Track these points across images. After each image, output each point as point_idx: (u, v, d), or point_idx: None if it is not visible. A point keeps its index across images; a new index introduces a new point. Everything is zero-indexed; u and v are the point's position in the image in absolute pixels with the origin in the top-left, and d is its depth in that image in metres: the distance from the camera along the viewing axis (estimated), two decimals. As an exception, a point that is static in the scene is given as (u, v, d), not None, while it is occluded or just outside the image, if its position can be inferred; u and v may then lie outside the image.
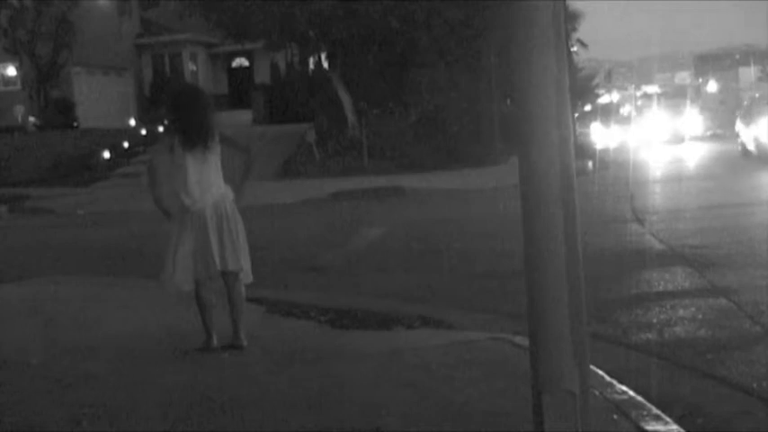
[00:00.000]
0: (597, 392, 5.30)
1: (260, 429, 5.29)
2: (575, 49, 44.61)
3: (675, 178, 23.65)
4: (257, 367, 6.67)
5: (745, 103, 33.02)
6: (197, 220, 6.97)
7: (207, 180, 7.05)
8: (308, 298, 9.55)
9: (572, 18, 42.54)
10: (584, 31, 45.90)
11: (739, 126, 28.02)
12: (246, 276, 7.25)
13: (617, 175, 24.46)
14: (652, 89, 67.68)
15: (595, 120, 42.72)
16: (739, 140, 27.82)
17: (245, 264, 7.18)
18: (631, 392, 5.60)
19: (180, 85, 6.95)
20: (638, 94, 59.65)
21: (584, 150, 28.95)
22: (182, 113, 7.16)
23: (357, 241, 14.31)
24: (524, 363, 3.58)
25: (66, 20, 36.19)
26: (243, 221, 7.18)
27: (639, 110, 44.60)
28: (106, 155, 31.97)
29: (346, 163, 29.19)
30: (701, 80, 73.18)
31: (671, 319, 7.82)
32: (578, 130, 35.36)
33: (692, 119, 42.82)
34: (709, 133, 43.65)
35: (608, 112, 43.96)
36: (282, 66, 42.26)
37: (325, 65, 36.45)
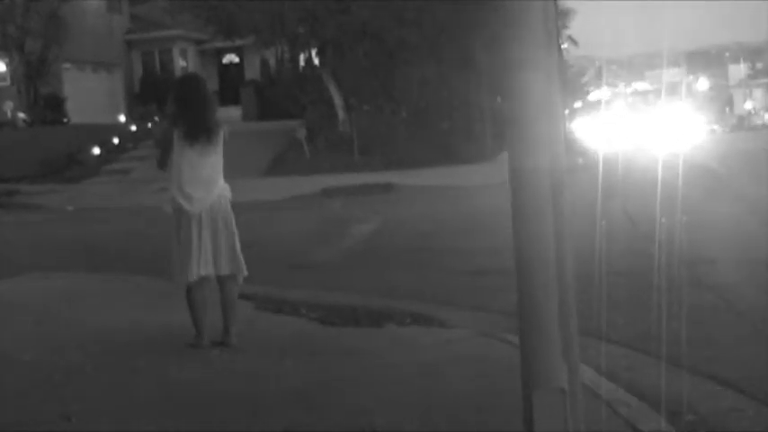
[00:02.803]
0: (588, 390, 5.31)
1: (250, 426, 5.29)
2: (565, 46, 44.61)
3: (666, 174, 23.64)
4: (247, 364, 6.67)
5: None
6: (194, 222, 6.92)
7: (206, 178, 6.99)
8: (299, 295, 9.54)
9: (563, 15, 42.51)
10: (575, 28, 45.84)
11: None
12: (240, 277, 7.23)
13: (608, 171, 24.46)
14: (642, 86, 67.86)
15: (586, 116, 42.76)
16: None
17: (240, 266, 7.15)
18: (622, 390, 5.61)
19: (182, 76, 6.90)
20: (629, 91, 59.77)
21: (575, 147, 28.96)
22: (184, 104, 7.08)
23: (347, 238, 14.30)
24: (515, 360, 3.58)
25: (55, 16, 36.06)
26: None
27: (630, 107, 44.69)
28: (96, 151, 31.89)
29: (336, 159, 29.13)
30: (691, 77, 73.36)
31: (661, 317, 7.83)
32: (569, 127, 35.41)
33: (683, 116, 43.01)
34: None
35: (598, 109, 44.03)
36: (273, 62, 42.20)
37: (316, 61, 36.39)
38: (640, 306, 8.23)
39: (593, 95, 50.61)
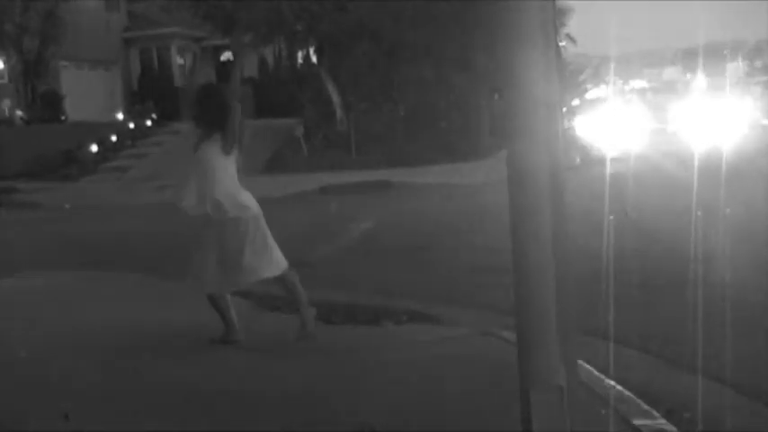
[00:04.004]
0: (585, 388, 5.31)
1: (248, 425, 5.28)
2: (563, 44, 44.55)
3: (664, 172, 23.65)
4: (245, 362, 6.66)
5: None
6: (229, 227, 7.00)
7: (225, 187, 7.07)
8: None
9: (561, 13, 42.48)
10: (573, 26, 45.79)
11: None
12: None
13: (605, 169, 24.48)
14: (640, 84, 67.75)
15: (584, 114, 42.72)
16: None
17: None
18: (619, 387, 5.61)
19: (203, 86, 6.96)
20: (627, 89, 59.61)
21: (573, 145, 28.94)
22: (232, 129, 7.11)
23: (345, 236, 14.29)
24: (513, 358, 3.58)
25: (53, 14, 36.02)
26: None
27: (627, 104, 44.61)
28: (94, 149, 31.88)
29: (334, 157, 29.13)
30: (688, 75, 73.23)
31: (660, 314, 7.83)
32: (566, 124, 35.38)
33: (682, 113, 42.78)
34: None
35: (596, 107, 43.98)
36: (271, 60, 42.15)
37: (314, 59, 36.37)
38: (640, 304, 8.24)
39: (591, 93, 50.57)
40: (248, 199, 7.14)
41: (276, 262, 7.12)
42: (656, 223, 13.46)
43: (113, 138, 33.40)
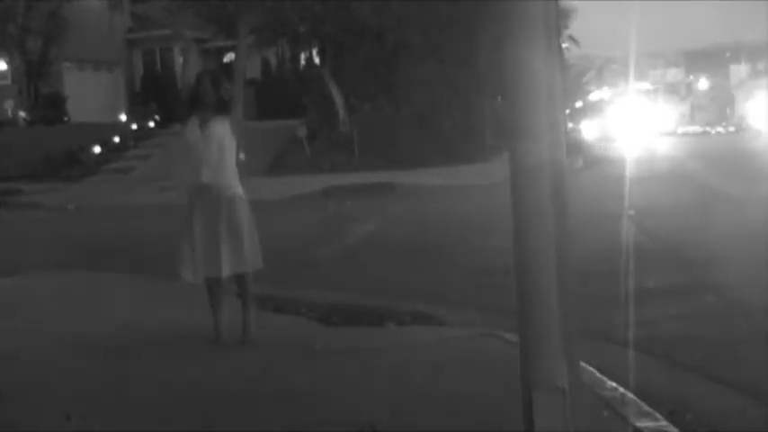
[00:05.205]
0: (587, 389, 5.30)
1: (250, 426, 5.28)
2: (566, 45, 44.51)
3: (666, 174, 23.65)
4: (247, 363, 6.66)
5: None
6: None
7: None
8: (299, 294, 9.53)
9: (564, 15, 42.44)
10: (576, 27, 45.73)
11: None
12: None
13: (608, 171, 24.49)
14: (643, 86, 67.73)
15: (587, 116, 42.73)
16: None
17: None
18: (621, 389, 5.60)
19: (205, 72, 7.09)
20: (630, 90, 59.60)
21: (576, 147, 28.93)
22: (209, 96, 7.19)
23: (348, 237, 14.29)
24: (515, 359, 3.57)
25: (56, 15, 36.05)
26: None
27: (630, 106, 44.60)
28: (96, 150, 31.89)
29: (337, 159, 29.12)
30: (691, 77, 73.16)
31: (661, 316, 7.82)
32: (569, 126, 35.36)
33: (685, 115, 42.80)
34: (700, 130, 43.66)
35: (599, 109, 43.98)
36: (273, 61, 42.15)
37: (317, 61, 36.38)
38: (641, 306, 8.22)
39: (595, 95, 50.53)
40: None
41: (258, 255, 7.15)
42: (658, 223, 13.43)
43: (116, 139, 33.40)
